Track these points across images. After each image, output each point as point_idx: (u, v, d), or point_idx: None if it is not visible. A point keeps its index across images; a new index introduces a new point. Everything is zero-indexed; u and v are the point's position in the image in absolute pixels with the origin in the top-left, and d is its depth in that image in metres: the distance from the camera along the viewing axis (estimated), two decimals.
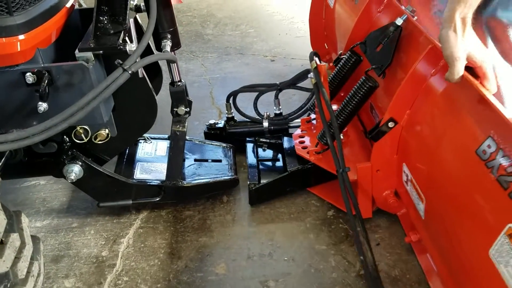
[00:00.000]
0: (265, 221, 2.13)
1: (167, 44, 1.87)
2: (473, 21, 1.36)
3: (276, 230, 2.08)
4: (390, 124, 1.73)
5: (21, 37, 1.50)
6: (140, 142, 2.36)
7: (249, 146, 2.41)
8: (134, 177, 2.14)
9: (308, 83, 2.16)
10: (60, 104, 1.62)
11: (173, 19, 1.91)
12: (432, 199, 1.59)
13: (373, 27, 2.02)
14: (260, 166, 2.30)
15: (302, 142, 2.28)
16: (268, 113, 2.46)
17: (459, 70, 1.34)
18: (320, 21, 3.02)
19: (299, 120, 2.41)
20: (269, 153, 2.39)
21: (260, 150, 2.40)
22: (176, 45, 1.95)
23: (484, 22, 1.56)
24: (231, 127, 2.49)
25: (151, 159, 2.27)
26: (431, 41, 1.59)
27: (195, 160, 2.31)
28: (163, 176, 2.12)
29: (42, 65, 1.62)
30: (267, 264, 1.92)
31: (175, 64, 1.99)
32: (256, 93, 2.44)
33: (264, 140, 2.43)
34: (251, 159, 2.33)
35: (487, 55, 1.35)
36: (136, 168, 2.20)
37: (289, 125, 2.43)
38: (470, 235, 1.34)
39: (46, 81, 1.58)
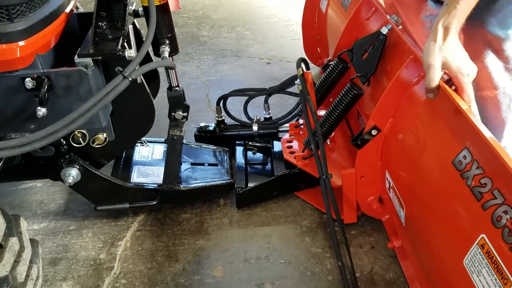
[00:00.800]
0: (261, 224, 2.15)
1: (165, 50, 1.87)
2: (472, 35, 1.39)
3: (273, 233, 2.10)
4: (373, 132, 1.74)
5: (21, 43, 1.51)
6: (137, 145, 2.36)
7: (238, 149, 2.42)
8: (131, 180, 2.15)
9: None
10: (59, 109, 1.64)
11: (172, 25, 1.92)
12: (412, 207, 1.61)
13: (361, 34, 2.02)
14: (249, 169, 2.32)
15: (290, 147, 2.31)
16: (258, 117, 2.48)
17: (433, 77, 1.36)
18: (313, 25, 3.03)
19: (288, 124, 2.43)
20: (258, 157, 2.42)
21: (249, 153, 2.42)
22: (174, 50, 1.96)
23: (483, 36, 1.61)
24: (221, 130, 2.51)
25: (148, 162, 2.28)
26: (413, 51, 1.59)
27: (192, 164, 2.32)
28: (160, 180, 2.13)
29: (42, 70, 1.62)
30: (264, 267, 1.95)
31: (174, 70, 2.00)
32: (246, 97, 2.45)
33: (253, 143, 2.45)
34: (239, 162, 2.35)
35: (466, 67, 1.34)
36: (133, 172, 2.21)
37: (279, 129, 2.46)
38: (446, 244, 1.37)
39: (46, 87, 1.59)
